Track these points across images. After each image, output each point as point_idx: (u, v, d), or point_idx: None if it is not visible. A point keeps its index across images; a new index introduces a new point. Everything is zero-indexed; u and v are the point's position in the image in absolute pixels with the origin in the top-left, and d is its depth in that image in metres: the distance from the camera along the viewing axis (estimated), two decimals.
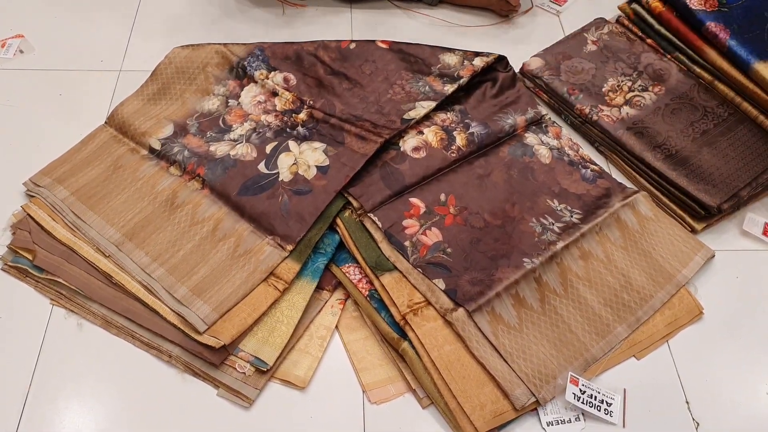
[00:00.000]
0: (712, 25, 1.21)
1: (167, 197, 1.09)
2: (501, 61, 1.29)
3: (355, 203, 1.08)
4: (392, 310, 0.97)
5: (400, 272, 1.01)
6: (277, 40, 1.31)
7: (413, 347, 0.94)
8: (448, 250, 1.05)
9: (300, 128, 1.18)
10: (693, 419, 0.93)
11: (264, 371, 0.93)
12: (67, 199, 1.08)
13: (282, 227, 1.04)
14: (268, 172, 1.11)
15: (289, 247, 1.02)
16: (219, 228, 1.05)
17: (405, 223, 1.07)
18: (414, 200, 1.10)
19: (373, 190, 1.09)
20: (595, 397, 0.92)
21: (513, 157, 1.18)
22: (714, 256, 1.08)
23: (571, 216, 1.10)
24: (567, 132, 1.25)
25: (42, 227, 1.04)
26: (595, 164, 1.19)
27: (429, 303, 0.98)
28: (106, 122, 1.20)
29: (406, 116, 1.18)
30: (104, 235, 1.03)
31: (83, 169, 1.12)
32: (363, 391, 0.94)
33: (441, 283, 1.00)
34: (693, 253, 1.07)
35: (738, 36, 1.19)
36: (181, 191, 1.10)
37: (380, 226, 1.05)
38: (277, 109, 1.21)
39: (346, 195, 1.09)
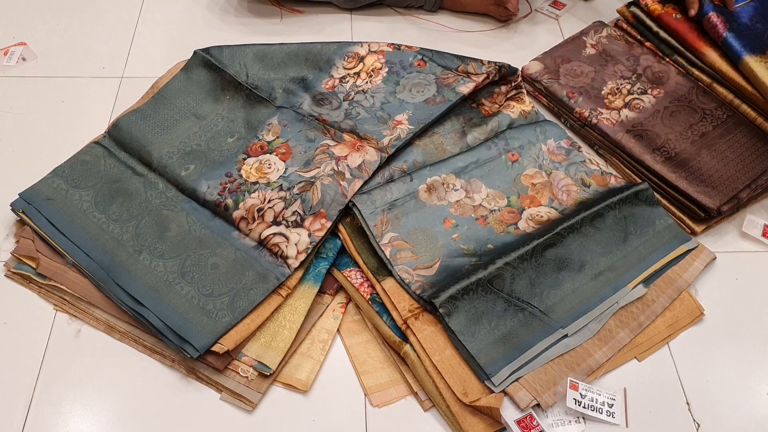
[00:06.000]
0: (713, 16, 1.21)
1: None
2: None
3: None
4: (393, 314, 0.97)
5: None
6: None
7: (415, 350, 0.94)
8: None
9: None
10: (694, 420, 0.93)
11: (267, 375, 0.93)
12: None
13: None
14: None
15: None
16: None
17: None
18: None
19: None
20: (596, 399, 0.91)
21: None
22: (715, 259, 1.08)
23: None
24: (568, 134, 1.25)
25: (41, 237, 1.04)
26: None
27: None
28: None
29: None
30: None
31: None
32: (365, 394, 0.94)
33: None
34: (693, 257, 1.07)
35: (736, 30, 1.20)
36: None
37: None
38: None
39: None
